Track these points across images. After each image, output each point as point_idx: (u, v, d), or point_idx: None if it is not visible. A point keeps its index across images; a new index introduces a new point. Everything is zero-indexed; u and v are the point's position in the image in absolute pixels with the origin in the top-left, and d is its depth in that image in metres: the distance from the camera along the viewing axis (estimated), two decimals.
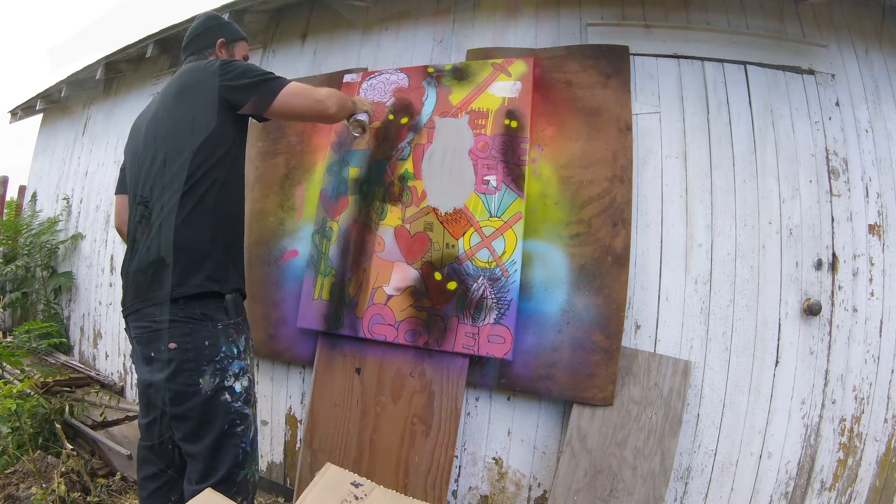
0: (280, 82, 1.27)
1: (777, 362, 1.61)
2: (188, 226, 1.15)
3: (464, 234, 1.66)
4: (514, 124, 1.67)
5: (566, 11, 1.82)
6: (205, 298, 1.15)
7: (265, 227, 2.07)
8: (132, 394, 2.86)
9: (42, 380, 2.54)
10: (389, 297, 1.73)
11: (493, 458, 1.72)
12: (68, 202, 3.65)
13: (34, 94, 4.12)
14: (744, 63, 1.71)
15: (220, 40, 1.43)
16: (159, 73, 3.06)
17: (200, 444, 1.13)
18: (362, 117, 1.57)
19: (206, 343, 1.13)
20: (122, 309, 1.25)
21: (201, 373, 1.12)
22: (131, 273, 1.20)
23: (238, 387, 1.16)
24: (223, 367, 1.14)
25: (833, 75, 1.72)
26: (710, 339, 1.61)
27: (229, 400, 1.14)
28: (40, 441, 2.09)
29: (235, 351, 1.17)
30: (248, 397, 1.19)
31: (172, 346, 1.11)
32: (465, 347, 1.61)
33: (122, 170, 1.46)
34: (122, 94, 3.39)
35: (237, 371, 1.17)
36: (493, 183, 1.65)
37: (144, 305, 1.16)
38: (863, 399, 1.61)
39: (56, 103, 4.06)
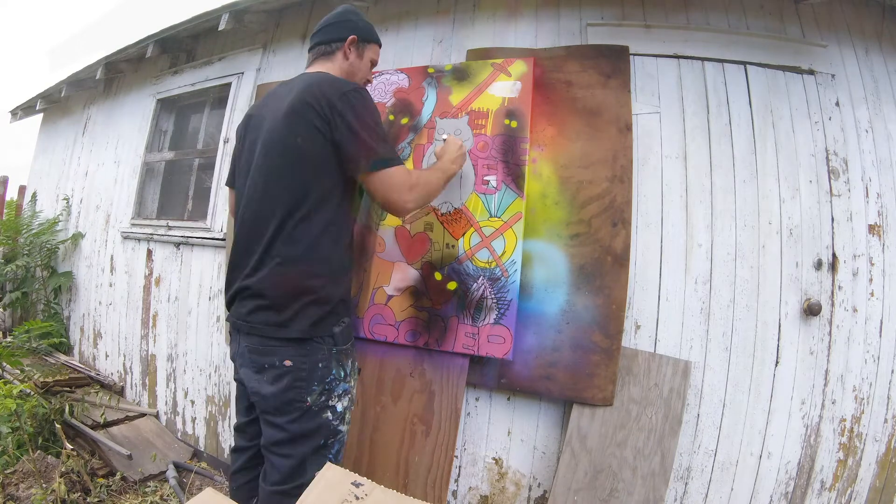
0: (393, 161, 1.21)
1: (777, 362, 1.61)
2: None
3: (464, 234, 1.66)
4: (514, 124, 1.67)
5: (566, 11, 1.82)
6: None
7: None
8: (132, 394, 2.86)
9: (42, 380, 2.55)
10: (390, 297, 1.73)
11: (493, 458, 1.72)
12: (68, 202, 3.65)
13: (34, 94, 4.12)
14: (744, 63, 1.71)
15: (351, 36, 1.35)
16: (159, 73, 3.05)
17: (293, 453, 1.17)
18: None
19: (320, 365, 1.19)
20: None
21: (311, 391, 1.17)
22: None
23: (339, 406, 1.23)
24: (331, 387, 1.20)
25: (833, 75, 1.72)
26: (710, 340, 1.62)
27: (330, 418, 1.20)
28: (40, 441, 2.09)
29: (342, 374, 1.24)
30: (345, 416, 1.25)
31: (288, 362, 1.16)
32: (465, 347, 1.61)
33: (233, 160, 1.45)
34: (122, 94, 3.39)
35: (341, 392, 1.23)
36: (493, 183, 1.65)
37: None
38: (863, 399, 1.61)
39: (56, 103, 4.06)
